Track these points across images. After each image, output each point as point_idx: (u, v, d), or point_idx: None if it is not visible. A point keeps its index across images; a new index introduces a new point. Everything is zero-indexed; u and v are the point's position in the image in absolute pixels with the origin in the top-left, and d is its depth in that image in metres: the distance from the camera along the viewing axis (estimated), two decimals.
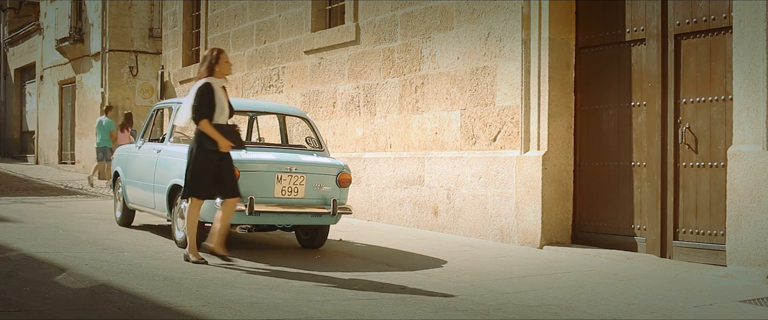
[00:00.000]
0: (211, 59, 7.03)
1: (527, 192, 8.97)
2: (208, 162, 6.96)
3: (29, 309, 5.04)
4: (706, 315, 5.70)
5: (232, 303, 5.46)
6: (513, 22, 9.28)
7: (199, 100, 6.90)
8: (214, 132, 6.90)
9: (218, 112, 6.98)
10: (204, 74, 7.02)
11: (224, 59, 7.07)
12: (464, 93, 9.98)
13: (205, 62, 7.06)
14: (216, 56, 7.05)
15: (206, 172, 6.96)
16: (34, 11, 27.34)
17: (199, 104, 6.90)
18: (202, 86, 6.93)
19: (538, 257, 8.26)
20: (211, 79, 6.99)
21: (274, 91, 14.01)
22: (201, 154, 6.94)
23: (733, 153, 7.05)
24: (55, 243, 8.15)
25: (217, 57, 7.04)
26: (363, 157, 11.69)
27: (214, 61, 7.02)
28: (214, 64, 7.02)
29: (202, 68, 7.05)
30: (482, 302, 5.91)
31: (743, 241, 6.88)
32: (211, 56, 7.06)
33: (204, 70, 7.03)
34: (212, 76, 7.00)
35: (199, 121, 6.89)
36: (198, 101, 6.91)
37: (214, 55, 7.06)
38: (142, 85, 21.25)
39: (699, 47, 7.81)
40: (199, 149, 6.94)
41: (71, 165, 23.77)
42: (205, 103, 6.89)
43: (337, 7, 12.78)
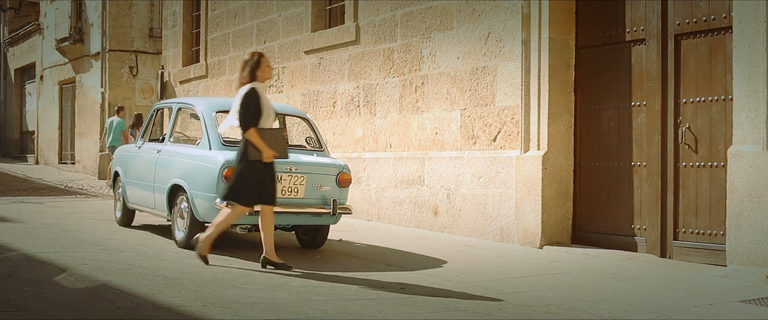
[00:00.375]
0: (253, 64, 6.94)
1: (527, 192, 8.97)
2: (255, 170, 6.88)
3: (29, 309, 5.05)
4: (706, 315, 5.70)
5: (232, 303, 5.46)
6: (513, 22, 9.28)
7: (245, 107, 6.81)
8: (260, 141, 6.81)
9: (265, 117, 6.91)
10: (246, 79, 6.91)
11: (265, 63, 7.00)
12: (464, 93, 9.98)
13: (247, 67, 6.96)
14: (257, 61, 6.96)
15: (252, 180, 6.88)
16: (34, 11, 27.34)
17: (246, 111, 6.81)
18: (248, 92, 6.83)
19: (538, 257, 8.26)
20: (255, 84, 6.90)
21: (274, 91, 14.01)
22: (248, 162, 6.87)
23: (733, 153, 7.05)
24: (55, 243, 8.15)
25: (258, 61, 6.96)
26: (363, 157, 11.69)
27: (256, 65, 6.94)
28: (255, 68, 6.94)
29: (244, 73, 6.93)
30: (482, 302, 5.91)
31: (743, 241, 6.88)
32: (252, 61, 6.96)
33: (246, 75, 6.92)
34: (255, 81, 6.92)
35: (246, 130, 6.81)
36: (244, 108, 6.81)
37: (255, 59, 6.97)
38: (142, 85, 21.25)
39: (699, 47, 7.81)
40: (246, 157, 6.87)
41: (71, 165, 23.77)
42: (251, 109, 6.81)
43: (337, 7, 12.78)
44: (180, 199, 8.22)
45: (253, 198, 6.92)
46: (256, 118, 6.82)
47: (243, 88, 6.89)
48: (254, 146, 6.82)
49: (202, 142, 8.32)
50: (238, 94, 6.89)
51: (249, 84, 6.90)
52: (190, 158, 8.29)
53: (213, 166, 7.78)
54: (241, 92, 6.88)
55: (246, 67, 6.96)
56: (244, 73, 6.95)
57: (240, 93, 6.88)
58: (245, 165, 6.86)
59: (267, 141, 6.85)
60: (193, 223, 8.01)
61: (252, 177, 6.87)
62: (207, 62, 16.42)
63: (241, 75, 6.99)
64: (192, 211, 7.97)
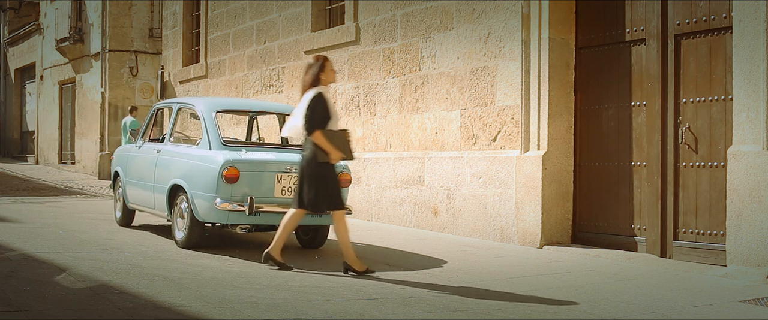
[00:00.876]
0: (318, 68, 6.95)
1: (527, 192, 8.97)
2: (324, 174, 6.91)
3: (29, 309, 5.04)
4: (706, 315, 5.70)
5: (232, 303, 5.46)
6: (513, 22, 9.28)
7: (312, 111, 6.81)
8: (328, 144, 6.83)
9: (333, 121, 6.93)
10: (310, 84, 6.93)
11: (329, 67, 7.01)
12: (464, 93, 9.98)
13: (311, 71, 6.96)
14: (322, 65, 6.97)
15: (321, 184, 6.90)
16: (34, 11, 27.34)
17: (313, 115, 6.82)
18: (315, 96, 6.82)
19: (538, 257, 8.26)
20: (320, 88, 6.92)
21: (274, 91, 14.01)
22: (315, 165, 6.87)
23: (733, 153, 7.05)
24: (55, 243, 8.15)
25: (322, 65, 6.96)
26: (363, 157, 11.69)
27: (320, 69, 6.95)
28: (319, 72, 6.95)
29: (308, 77, 6.95)
30: (482, 302, 5.91)
31: (743, 241, 6.88)
32: (316, 65, 6.97)
33: (310, 79, 6.93)
34: (320, 85, 6.93)
35: (313, 133, 6.82)
36: (311, 112, 6.82)
37: (319, 63, 6.98)
38: (142, 85, 21.25)
39: (699, 47, 7.81)
40: (313, 160, 6.87)
41: (71, 165, 23.77)
42: (319, 113, 6.82)
43: (337, 7, 12.78)
44: (180, 199, 8.22)
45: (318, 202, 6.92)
46: (323, 122, 6.84)
47: (309, 92, 6.89)
48: (321, 148, 6.83)
49: (202, 142, 8.32)
50: (305, 98, 6.89)
51: (315, 88, 6.90)
52: (190, 158, 8.29)
53: (213, 166, 7.78)
54: (307, 96, 6.87)
55: (310, 71, 6.97)
56: (308, 77, 6.95)
57: (306, 97, 6.88)
58: (312, 169, 6.87)
59: (334, 143, 6.87)
60: (193, 223, 8.01)
61: (321, 181, 6.89)
62: (207, 62, 16.42)
63: (304, 79, 7.00)
64: (192, 211, 7.97)
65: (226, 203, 7.66)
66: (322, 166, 6.86)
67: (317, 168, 6.86)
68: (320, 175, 6.87)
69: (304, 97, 6.91)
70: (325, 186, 6.88)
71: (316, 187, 6.85)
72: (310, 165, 6.87)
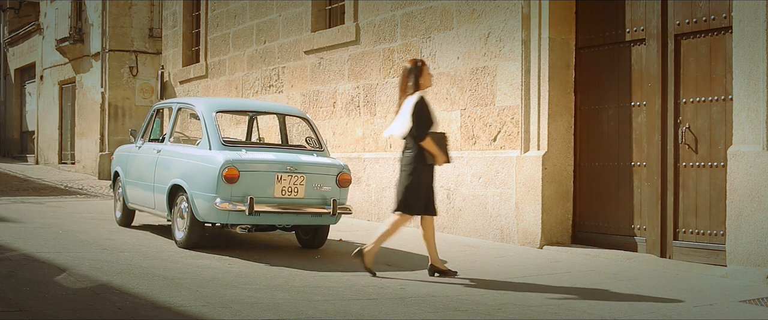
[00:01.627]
0: (417, 72, 6.96)
1: (527, 192, 8.97)
2: (428, 177, 6.97)
3: (29, 309, 5.04)
4: (706, 315, 5.70)
5: (232, 303, 5.46)
6: (513, 22, 9.28)
7: (418, 116, 6.84)
8: (436, 148, 6.90)
9: (435, 125, 7.00)
10: (412, 89, 6.95)
11: (427, 71, 7.04)
12: (464, 93, 9.98)
13: (412, 76, 6.96)
14: (420, 69, 6.98)
15: (424, 187, 6.95)
16: (34, 11, 27.33)
17: (420, 120, 6.84)
18: (419, 101, 6.85)
19: (538, 257, 8.26)
20: (421, 92, 6.95)
21: (274, 91, 14.01)
22: (422, 169, 6.91)
23: (733, 153, 7.05)
24: (55, 243, 8.15)
25: (421, 69, 6.99)
26: (363, 157, 11.68)
27: (419, 74, 6.98)
28: (419, 76, 6.97)
29: (410, 83, 6.96)
30: (482, 302, 5.91)
31: (743, 241, 6.88)
32: (415, 69, 6.97)
33: (412, 84, 6.95)
34: (420, 89, 6.95)
35: (422, 138, 6.84)
36: (418, 117, 6.84)
37: (418, 67, 6.98)
38: (142, 85, 21.24)
39: (699, 47, 7.81)
40: (420, 164, 6.90)
41: (71, 165, 23.76)
42: (425, 118, 6.87)
43: (337, 7, 12.78)
44: (180, 199, 8.22)
45: (422, 205, 6.95)
46: (429, 126, 6.89)
47: (412, 98, 6.90)
48: (429, 152, 6.88)
49: (202, 142, 8.32)
50: (407, 104, 6.89)
51: (416, 93, 6.93)
52: (190, 158, 8.29)
53: (213, 166, 7.78)
54: (410, 102, 6.88)
55: (410, 76, 6.98)
56: (410, 83, 6.97)
57: (409, 102, 6.89)
58: (419, 173, 6.90)
59: (439, 146, 6.94)
60: (193, 223, 8.01)
61: (425, 184, 6.94)
62: (207, 62, 16.42)
63: (404, 83, 7.02)
64: (192, 211, 7.97)
65: (226, 203, 7.66)
66: (428, 169, 6.94)
67: (425, 171, 6.92)
68: (425, 178, 6.93)
69: (406, 102, 6.92)
70: (428, 189, 6.96)
71: (417, 190, 6.90)
72: (414, 168, 6.90)
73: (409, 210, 6.92)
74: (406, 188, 6.91)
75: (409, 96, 6.92)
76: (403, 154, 6.99)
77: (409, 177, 6.90)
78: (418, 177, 6.89)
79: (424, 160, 6.87)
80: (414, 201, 6.90)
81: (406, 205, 6.91)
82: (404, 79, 7.01)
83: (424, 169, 6.90)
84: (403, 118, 6.90)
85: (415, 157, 6.89)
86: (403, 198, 6.92)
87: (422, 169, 6.90)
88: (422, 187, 6.92)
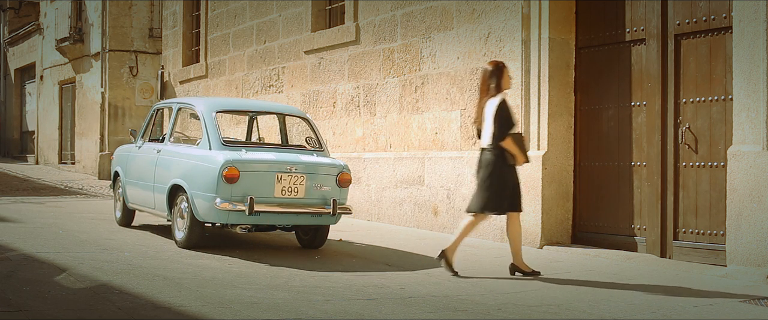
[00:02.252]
0: (499, 74, 7.06)
1: (527, 193, 8.96)
2: (510, 177, 7.06)
3: (29, 309, 5.05)
4: (706, 315, 5.70)
5: (232, 303, 5.46)
6: (513, 22, 9.28)
7: (500, 117, 6.94)
8: (517, 149, 7.01)
9: (515, 127, 7.13)
10: (495, 91, 7.03)
11: (507, 73, 7.14)
12: (464, 93, 9.98)
13: (494, 78, 7.06)
14: (502, 70, 7.08)
15: (507, 187, 7.04)
16: (34, 11, 27.33)
17: (501, 121, 6.95)
18: (502, 103, 6.96)
19: (538, 257, 8.25)
20: (502, 94, 7.05)
21: (274, 91, 14.01)
22: (504, 169, 7.01)
23: (733, 153, 7.05)
24: (55, 243, 8.15)
25: (502, 71, 7.07)
26: (363, 157, 11.69)
27: (501, 75, 7.06)
28: (501, 78, 7.07)
29: (492, 85, 7.05)
30: (482, 302, 5.91)
31: (743, 241, 6.88)
32: (497, 71, 7.06)
33: (494, 86, 7.04)
34: (501, 91, 7.05)
35: (503, 139, 6.94)
36: (501, 118, 6.95)
37: (500, 68, 7.08)
38: (142, 85, 21.24)
39: (699, 47, 7.81)
40: (503, 164, 7.00)
41: (71, 165, 23.76)
42: (507, 119, 6.97)
43: (337, 7, 12.78)
44: (180, 199, 8.22)
45: (504, 204, 7.06)
46: (510, 127, 7.00)
47: (495, 100, 6.99)
48: (509, 152, 6.98)
49: (202, 142, 8.32)
50: (490, 105, 6.99)
51: (499, 95, 7.01)
52: (190, 158, 8.29)
53: (213, 166, 7.78)
54: (493, 103, 6.98)
55: (492, 78, 7.06)
56: (492, 85, 7.05)
57: (492, 104, 6.98)
58: (501, 173, 7.00)
59: (518, 146, 7.05)
60: (193, 223, 8.01)
61: (508, 184, 7.03)
62: (207, 62, 16.42)
63: (484, 85, 7.10)
64: (192, 211, 7.97)
65: (226, 203, 7.66)
66: (510, 169, 7.04)
67: (507, 171, 7.02)
68: (508, 178, 7.03)
69: (490, 104, 7.01)
70: (511, 188, 7.05)
71: (501, 189, 6.99)
72: (495, 168, 6.99)
73: (495, 209, 7.06)
74: (488, 188, 7.03)
75: (491, 97, 7.03)
76: (482, 154, 7.11)
77: (492, 177, 7.01)
78: (501, 177, 7.01)
79: (506, 159, 7.00)
80: (497, 201, 7.03)
81: (490, 205, 7.04)
82: (485, 81, 7.11)
83: (506, 168, 7.04)
84: (489, 120, 7.01)
85: (496, 157, 7.00)
86: (485, 197, 7.04)
87: (505, 168, 7.03)
88: (507, 186, 7.04)
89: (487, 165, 7.02)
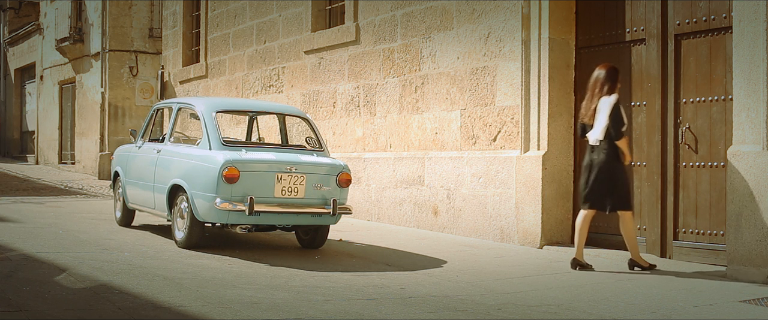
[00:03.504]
0: (614, 76, 7.38)
1: (527, 192, 8.97)
2: (621, 174, 7.37)
3: (29, 309, 5.05)
4: (706, 315, 5.70)
5: (232, 303, 5.46)
6: (513, 22, 9.28)
7: (616, 117, 7.24)
8: (627, 148, 7.38)
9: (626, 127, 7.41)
10: (608, 91, 7.33)
11: (619, 77, 7.47)
12: (464, 93, 9.99)
13: (609, 80, 7.34)
14: (617, 73, 7.43)
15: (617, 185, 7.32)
16: (34, 11, 27.33)
17: (617, 121, 7.26)
18: (617, 104, 7.27)
19: (538, 257, 8.26)
20: (616, 95, 7.32)
21: (274, 91, 14.01)
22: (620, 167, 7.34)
23: (733, 153, 7.05)
24: (55, 243, 8.15)
25: (617, 73, 7.43)
26: (363, 157, 11.69)
27: (616, 77, 7.40)
28: (616, 80, 7.41)
29: (606, 86, 7.33)
30: (482, 302, 5.91)
31: (743, 241, 6.88)
32: (614, 73, 7.40)
33: (609, 88, 7.34)
34: (615, 92, 7.34)
35: (619, 138, 7.27)
36: (616, 118, 7.24)
37: (615, 71, 7.43)
38: (142, 85, 21.24)
39: (699, 47, 7.81)
40: (618, 162, 7.31)
41: (71, 165, 23.76)
42: (621, 119, 7.28)
43: (337, 7, 12.78)
44: (180, 199, 8.22)
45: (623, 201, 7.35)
46: (624, 126, 7.33)
47: (609, 99, 7.29)
48: (622, 151, 7.31)
49: (202, 142, 8.32)
50: (605, 105, 7.27)
51: (613, 95, 7.31)
52: (190, 158, 8.29)
53: (213, 166, 7.78)
54: (607, 102, 7.26)
55: (607, 80, 7.34)
56: (607, 86, 7.34)
57: (607, 103, 7.26)
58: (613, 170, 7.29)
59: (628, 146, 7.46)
60: (193, 223, 8.02)
61: (618, 181, 7.33)
62: (207, 62, 16.42)
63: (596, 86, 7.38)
64: (192, 211, 7.97)
65: (226, 203, 7.66)
66: (621, 167, 7.34)
67: (619, 168, 7.30)
68: (619, 175, 7.32)
69: (604, 103, 7.29)
70: (622, 186, 7.34)
71: (611, 187, 7.28)
72: (607, 165, 7.27)
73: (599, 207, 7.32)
74: (598, 185, 7.29)
75: (603, 97, 7.29)
76: (593, 153, 7.36)
77: (608, 175, 7.27)
78: (618, 175, 7.29)
79: (617, 157, 7.27)
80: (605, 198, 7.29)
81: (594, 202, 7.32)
82: (596, 83, 7.41)
83: (621, 167, 7.33)
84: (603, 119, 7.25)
85: (610, 156, 7.28)
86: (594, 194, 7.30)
87: (620, 167, 7.32)
88: (617, 184, 7.30)
89: (598, 163, 7.31)
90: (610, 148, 7.27)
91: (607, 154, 7.26)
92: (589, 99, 7.42)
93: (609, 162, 7.26)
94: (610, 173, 7.27)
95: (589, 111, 7.40)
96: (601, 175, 7.28)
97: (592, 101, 7.38)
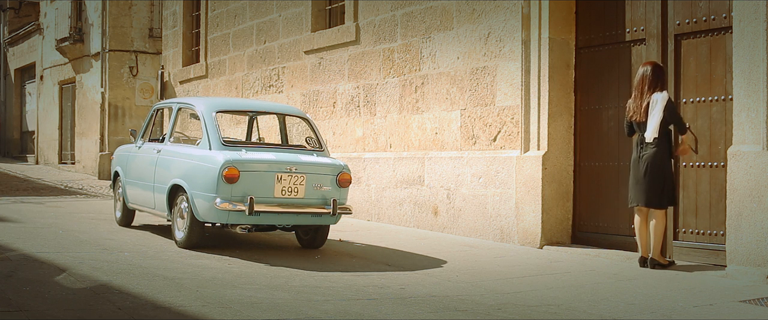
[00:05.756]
0: (663, 73, 7.54)
1: (527, 192, 8.97)
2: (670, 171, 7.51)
3: (29, 309, 5.05)
4: (706, 315, 5.70)
5: (232, 303, 5.46)
6: (513, 22, 9.28)
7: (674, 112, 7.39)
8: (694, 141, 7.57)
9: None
10: (660, 87, 7.44)
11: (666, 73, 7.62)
12: (464, 93, 9.99)
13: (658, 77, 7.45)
14: (663, 70, 7.57)
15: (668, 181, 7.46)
16: (34, 11, 27.33)
17: (679, 115, 7.46)
18: (671, 100, 7.41)
19: (538, 257, 8.26)
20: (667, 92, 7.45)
21: (274, 91, 14.01)
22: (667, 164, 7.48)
23: (733, 153, 7.05)
24: (55, 243, 8.15)
25: (664, 70, 7.58)
26: (363, 157, 11.69)
27: (665, 74, 7.58)
28: (665, 77, 7.61)
29: (657, 83, 7.44)
30: (482, 302, 5.91)
31: (743, 241, 6.88)
32: (661, 70, 7.52)
33: (660, 84, 7.45)
34: (665, 88, 7.48)
35: (685, 132, 7.44)
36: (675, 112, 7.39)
37: (662, 68, 7.54)
38: (142, 85, 21.25)
39: (699, 47, 7.81)
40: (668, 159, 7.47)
41: (71, 165, 23.76)
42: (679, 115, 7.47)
43: (337, 7, 12.78)
44: (180, 199, 8.22)
45: (664, 200, 7.47)
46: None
47: (661, 95, 7.39)
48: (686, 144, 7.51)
49: (202, 142, 8.32)
50: (659, 101, 7.36)
51: (665, 91, 7.44)
52: (190, 158, 8.29)
53: (213, 166, 7.78)
54: (661, 98, 7.36)
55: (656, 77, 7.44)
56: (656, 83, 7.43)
57: (660, 99, 7.36)
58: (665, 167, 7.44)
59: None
60: (193, 223, 8.01)
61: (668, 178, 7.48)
62: (207, 62, 16.42)
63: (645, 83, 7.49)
64: (192, 211, 7.97)
65: (226, 203, 7.66)
66: (671, 164, 7.52)
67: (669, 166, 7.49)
68: (670, 173, 7.50)
69: (657, 99, 7.38)
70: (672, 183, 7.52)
71: (664, 184, 7.40)
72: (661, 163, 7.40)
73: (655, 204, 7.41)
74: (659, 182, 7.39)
75: (654, 93, 7.38)
76: (642, 150, 7.46)
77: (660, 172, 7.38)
78: (668, 172, 7.46)
79: (668, 154, 7.44)
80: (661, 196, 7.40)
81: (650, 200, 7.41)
82: (644, 79, 7.48)
83: (670, 164, 7.46)
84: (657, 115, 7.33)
85: (663, 152, 7.39)
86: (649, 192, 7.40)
87: (669, 164, 7.45)
88: (668, 181, 7.45)
89: (649, 159, 7.38)
90: (662, 144, 7.36)
91: (660, 149, 7.36)
92: (639, 97, 7.49)
93: (661, 158, 7.37)
94: (661, 169, 7.37)
95: (641, 108, 7.45)
96: (654, 172, 7.36)
97: (643, 98, 7.44)
